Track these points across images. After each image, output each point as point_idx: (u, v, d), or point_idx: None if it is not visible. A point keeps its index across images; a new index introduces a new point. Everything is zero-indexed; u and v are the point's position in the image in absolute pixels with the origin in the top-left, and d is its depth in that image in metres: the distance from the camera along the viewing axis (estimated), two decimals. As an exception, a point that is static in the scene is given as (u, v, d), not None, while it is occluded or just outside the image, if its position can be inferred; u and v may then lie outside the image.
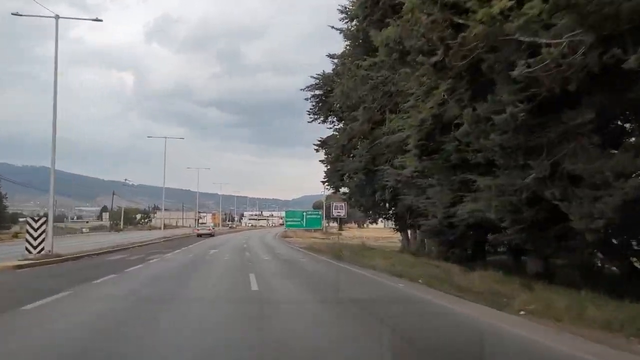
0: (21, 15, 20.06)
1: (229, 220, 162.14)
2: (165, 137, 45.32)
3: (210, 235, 54.45)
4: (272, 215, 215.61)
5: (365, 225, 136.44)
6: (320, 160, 37.83)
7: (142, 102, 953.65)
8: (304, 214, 58.76)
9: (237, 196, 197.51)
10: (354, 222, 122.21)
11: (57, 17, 20.07)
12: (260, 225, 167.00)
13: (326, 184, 36.07)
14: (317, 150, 37.72)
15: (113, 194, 73.75)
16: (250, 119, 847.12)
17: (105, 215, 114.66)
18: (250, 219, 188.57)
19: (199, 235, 52.54)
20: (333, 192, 36.64)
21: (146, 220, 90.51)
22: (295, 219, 59.88)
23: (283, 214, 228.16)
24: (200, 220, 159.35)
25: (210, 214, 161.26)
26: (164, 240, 39.32)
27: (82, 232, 72.59)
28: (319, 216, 57.32)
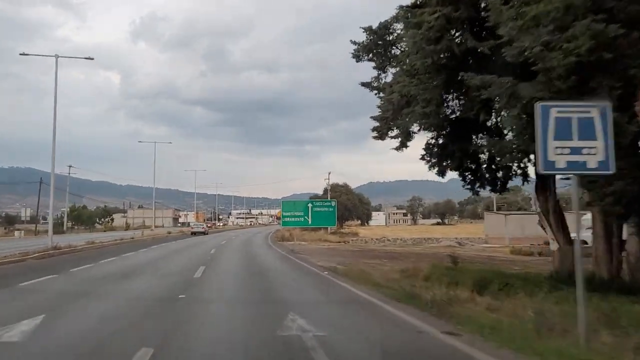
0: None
1: (215, 219, 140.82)
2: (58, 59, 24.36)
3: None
4: (262, 213, 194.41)
5: (367, 222, 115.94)
6: (371, 85, 16.83)
7: (128, 102, 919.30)
8: (309, 205, 37.30)
9: (225, 195, 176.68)
10: (356, 218, 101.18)
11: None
12: (249, 224, 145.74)
13: (390, 121, 15.08)
14: (357, 58, 16.71)
15: (40, 181, 52.06)
16: (238, 118, 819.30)
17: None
18: (237, 217, 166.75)
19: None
20: (400, 145, 15.47)
21: (106, 220, 69.60)
22: (295, 214, 38.07)
23: (274, 212, 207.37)
24: (180, 219, 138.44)
25: (193, 213, 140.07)
26: (36, 257, 17.93)
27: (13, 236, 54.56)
28: (332, 209, 36.28)
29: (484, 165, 14.39)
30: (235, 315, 7.66)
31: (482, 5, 9.80)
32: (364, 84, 17.19)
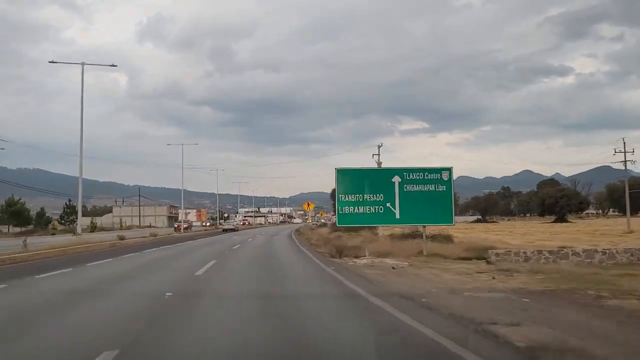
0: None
1: (221, 219, 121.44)
2: None
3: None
4: (271, 211, 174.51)
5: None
6: None
7: (135, 102, 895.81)
8: (396, 180, 16.30)
9: (233, 194, 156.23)
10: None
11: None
12: (258, 223, 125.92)
13: None
14: None
15: None
16: (244, 118, 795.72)
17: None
18: (245, 216, 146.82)
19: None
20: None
21: (64, 221, 50.63)
22: (366, 197, 16.36)
23: (284, 210, 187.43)
24: (180, 217, 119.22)
25: (195, 211, 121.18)
26: None
27: None
28: (445, 186, 16.15)
29: None
30: None
31: None
32: None
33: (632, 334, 5.96)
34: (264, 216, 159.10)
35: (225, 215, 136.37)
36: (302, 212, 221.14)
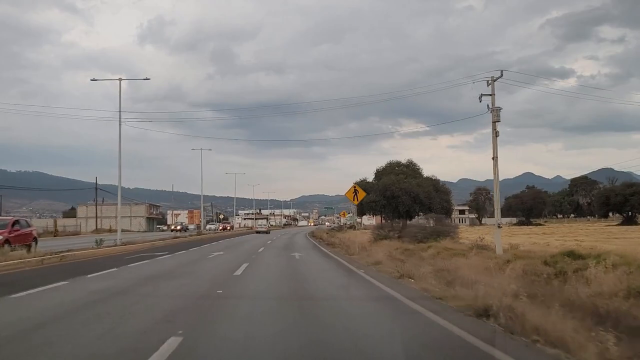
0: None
1: (218, 220, 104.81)
2: None
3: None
4: (273, 213, 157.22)
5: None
6: None
7: (135, 105, 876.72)
8: None
9: (232, 197, 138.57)
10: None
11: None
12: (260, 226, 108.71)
13: None
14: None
15: None
16: (244, 121, 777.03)
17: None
18: (245, 219, 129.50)
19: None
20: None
21: None
22: None
23: (287, 212, 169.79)
24: (169, 219, 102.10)
25: (187, 211, 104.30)
26: None
27: None
28: None
29: None
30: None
31: None
32: None
33: None
34: (266, 218, 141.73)
35: (222, 216, 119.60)
36: (306, 215, 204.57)
